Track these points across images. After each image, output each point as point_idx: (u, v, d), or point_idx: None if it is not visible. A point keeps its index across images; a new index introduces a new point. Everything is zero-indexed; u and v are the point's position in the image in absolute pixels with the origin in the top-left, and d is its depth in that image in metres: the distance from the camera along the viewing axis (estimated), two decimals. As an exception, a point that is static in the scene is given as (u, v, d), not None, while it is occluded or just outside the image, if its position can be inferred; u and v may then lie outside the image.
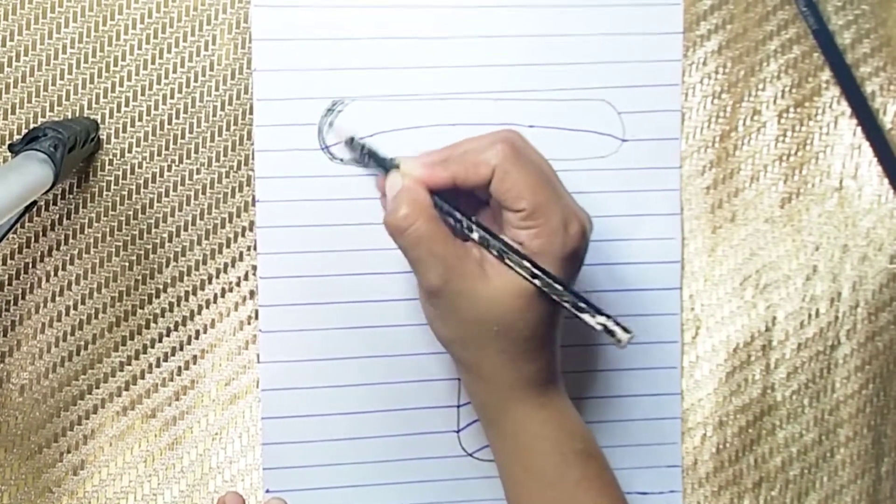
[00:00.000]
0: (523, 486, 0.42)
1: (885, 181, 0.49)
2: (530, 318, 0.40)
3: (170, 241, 0.46)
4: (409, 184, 0.41)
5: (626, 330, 0.39)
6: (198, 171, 0.46)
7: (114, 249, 0.45)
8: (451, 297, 0.40)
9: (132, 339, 0.46)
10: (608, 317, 0.40)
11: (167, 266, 0.46)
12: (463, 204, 0.41)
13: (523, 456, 0.42)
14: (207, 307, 0.46)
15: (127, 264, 0.46)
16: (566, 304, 0.40)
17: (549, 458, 0.41)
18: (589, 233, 0.41)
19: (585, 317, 0.40)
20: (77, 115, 0.45)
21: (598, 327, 0.40)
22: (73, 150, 0.41)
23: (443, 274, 0.39)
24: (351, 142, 0.45)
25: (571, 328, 0.41)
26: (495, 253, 0.40)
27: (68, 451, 0.46)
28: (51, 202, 0.45)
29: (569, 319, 0.41)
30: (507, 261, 0.40)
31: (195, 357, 0.46)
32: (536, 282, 0.39)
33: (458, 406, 0.47)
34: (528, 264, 0.39)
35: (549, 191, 0.41)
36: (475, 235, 0.40)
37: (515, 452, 0.42)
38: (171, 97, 0.45)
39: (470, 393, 0.43)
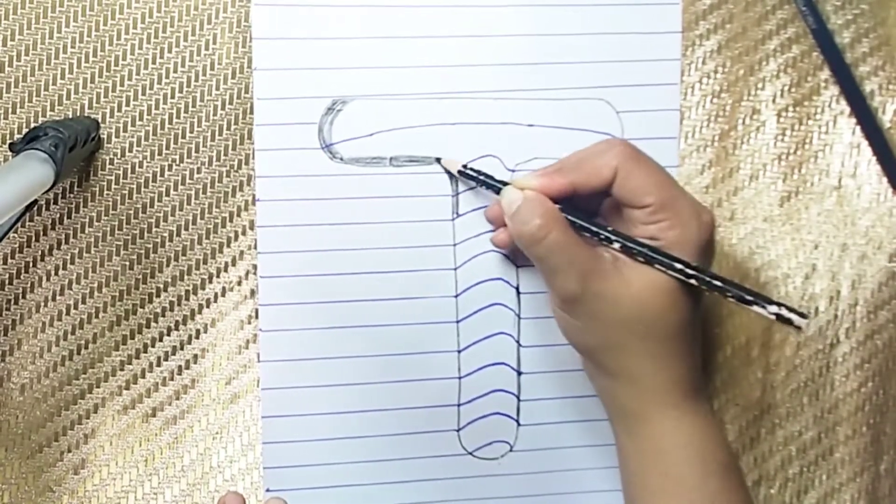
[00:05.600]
0: (657, 491, 0.41)
1: (884, 180, 0.49)
2: (675, 315, 0.40)
3: (170, 240, 0.46)
4: (532, 195, 0.41)
5: (802, 315, 0.38)
6: (198, 171, 0.46)
7: (114, 248, 0.45)
8: (592, 302, 0.40)
9: (132, 338, 0.46)
10: (780, 304, 0.38)
11: (167, 265, 0.46)
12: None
13: (663, 461, 0.41)
14: (208, 306, 0.46)
15: (127, 263, 0.46)
16: (730, 298, 0.39)
17: (691, 466, 0.41)
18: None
19: (755, 308, 0.38)
20: (77, 114, 0.45)
21: (772, 317, 0.38)
22: (74, 149, 0.41)
23: (581, 279, 0.40)
24: (464, 169, 0.45)
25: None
26: (642, 259, 0.40)
27: (69, 450, 0.46)
28: (51, 201, 0.45)
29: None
30: (657, 266, 0.40)
31: (195, 356, 0.46)
32: (692, 281, 0.39)
33: (459, 405, 0.47)
34: (680, 266, 0.39)
35: (673, 184, 0.42)
36: (616, 245, 0.40)
37: (655, 457, 0.41)
38: (172, 96, 0.45)
39: (609, 397, 0.43)
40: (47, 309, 0.45)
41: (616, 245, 0.41)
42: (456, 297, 0.46)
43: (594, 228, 0.41)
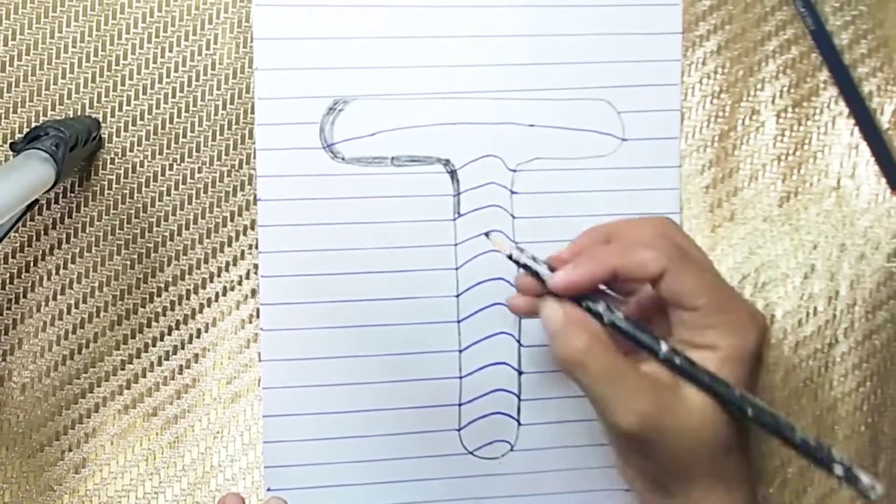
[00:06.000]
0: None
1: (883, 180, 0.49)
2: (735, 429, 0.37)
3: (171, 239, 0.46)
4: (573, 316, 0.37)
5: (873, 478, 0.34)
6: (199, 170, 0.46)
7: (115, 248, 0.45)
8: (654, 436, 0.36)
9: (133, 337, 0.46)
10: (848, 468, 0.34)
11: (168, 265, 0.46)
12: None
13: None
14: (209, 306, 0.46)
15: (128, 263, 0.46)
16: (794, 448, 0.35)
17: None
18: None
19: (823, 468, 0.35)
20: (78, 114, 0.45)
21: (840, 473, 0.35)
22: (75, 148, 0.41)
23: (640, 415, 0.36)
24: (516, 251, 0.40)
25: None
26: (716, 391, 0.36)
27: (69, 450, 0.46)
28: (52, 201, 0.45)
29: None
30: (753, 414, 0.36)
31: (196, 356, 0.46)
32: (764, 428, 0.36)
33: (460, 405, 0.47)
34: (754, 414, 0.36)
35: (724, 284, 0.39)
36: (704, 379, 0.36)
37: None
38: (173, 96, 0.45)
39: None
40: (48, 308, 0.45)
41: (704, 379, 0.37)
42: (457, 296, 0.47)
43: (691, 371, 0.37)
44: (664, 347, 0.37)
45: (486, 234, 0.43)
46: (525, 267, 0.40)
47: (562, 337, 0.37)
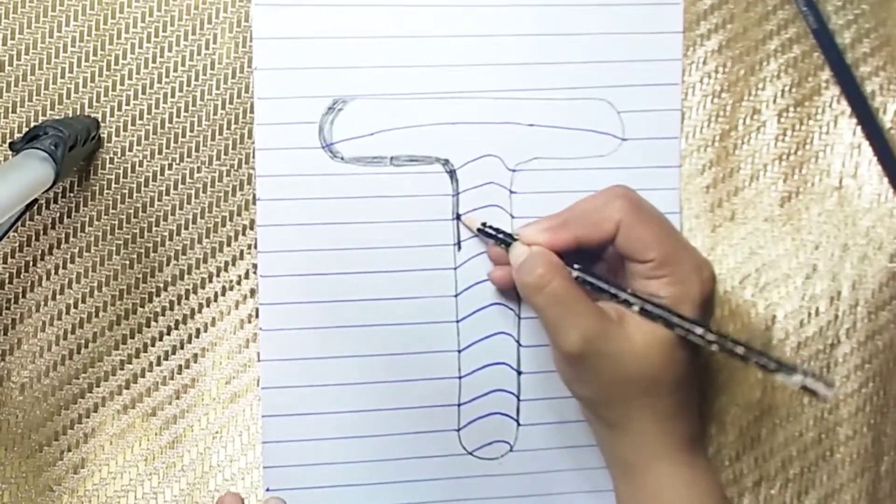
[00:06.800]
0: None
1: (885, 180, 0.49)
2: (675, 368, 0.40)
3: (170, 239, 0.46)
4: (538, 248, 0.42)
5: (828, 384, 0.37)
6: (198, 170, 0.46)
7: (114, 247, 0.45)
8: (594, 359, 0.40)
9: (132, 337, 0.46)
10: (805, 374, 0.38)
11: (168, 264, 0.46)
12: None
13: None
14: (208, 305, 0.46)
15: (127, 262, 0.46)
16: (753, 365, 0.39)
17: None
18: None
19: (779, 377, 0.38)
20: (78, 113, 0.45)
21: (795, 387, 0.38)
22: (74, 148, 0.41)
23: (584, 335, 0.39)
24: (483, 227, 0.45)
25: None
26: (662, 323, 0.40)
27: (69, 450, 0.46)
28: (51, 200, 0.45)
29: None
30: (676, 330, 0.40)
31: (195, 355, 0.46)
32: (714, 347, 0.39)
33: (459, 405, 0.47)
34: (701, 331, 0.39)
35: (675, 237, 0.42)
36: (636, 308, 0.40)
37: None
38: (172, 96, 0.45)
39: (609, 449, 0.43)
40: (47, 308, 0.45)
41: (636, 308, 0.40)
42: (456, 296, 0.46)
43: (613, 290, 0.41)
44: (628, 292, 0.41)
45: (458, 217, 0.45)
46: (496, 235, 0.44)
47: (525, 266, 0.41)
